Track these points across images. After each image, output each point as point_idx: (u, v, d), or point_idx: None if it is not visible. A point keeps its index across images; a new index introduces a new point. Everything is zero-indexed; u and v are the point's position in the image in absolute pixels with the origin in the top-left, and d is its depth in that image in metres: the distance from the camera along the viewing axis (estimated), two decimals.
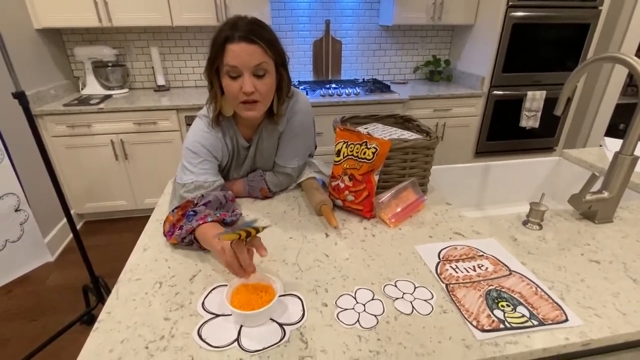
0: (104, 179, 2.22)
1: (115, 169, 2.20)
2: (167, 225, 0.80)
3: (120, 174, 2.22)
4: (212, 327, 0.59)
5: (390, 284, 0.67)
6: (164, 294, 0.66)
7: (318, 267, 0.72)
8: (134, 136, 2.13)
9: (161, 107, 2.08)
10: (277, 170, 1.00)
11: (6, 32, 1.78)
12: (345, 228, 0.86)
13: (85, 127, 2.07)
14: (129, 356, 0.55)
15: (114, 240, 2.17)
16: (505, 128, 2.51)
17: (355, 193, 0.87)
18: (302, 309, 0.62)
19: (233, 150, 0.95)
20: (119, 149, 2.15)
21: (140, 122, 2.10)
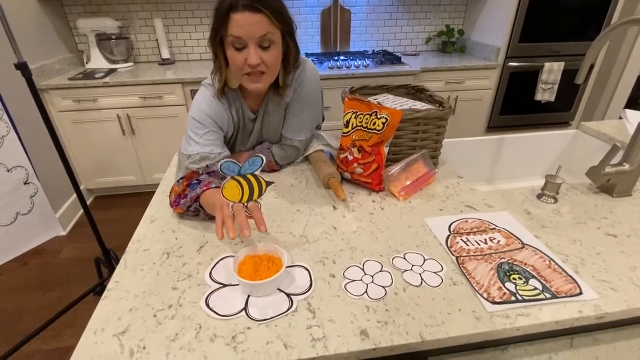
0: (112, 154, 2.23)
1: (122, 144, 2.21)
2: (173, 196, 0.80)
3: (127, 149, 2.23)
4: (220, 296, 0.60)
5: (399, 256, 0.67)
6: (171, 264, 0.67)
7: (326, 239, 0.72)
8: (140, 111, 2.12)
9: (166, 80, 2.05)
10: (284, 143, 0.99)
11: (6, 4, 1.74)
12: (353, 201, 0.85)
13: (91, 102, 2.06)
14: (137, 324, 0.55)
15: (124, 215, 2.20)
16: (519, 101, 2.44)
17: (364, 165, 0.86)
18: (309, 279, 0.62)
19: (239, 122, 0.94)
20: (125, 124, 2.14)
21: (146, 96, 2.08)
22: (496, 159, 1.19)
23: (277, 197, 0.89)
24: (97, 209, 2.28)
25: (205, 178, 0.77)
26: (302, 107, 0.94)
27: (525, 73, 2.35)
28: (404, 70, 2.17)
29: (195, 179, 0.77)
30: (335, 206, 0.84)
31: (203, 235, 0.75)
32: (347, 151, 0.88)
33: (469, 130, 2.46)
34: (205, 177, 0.78)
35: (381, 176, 0.87)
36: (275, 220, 0.79)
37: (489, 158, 1.19)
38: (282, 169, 1.01)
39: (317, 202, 0.85)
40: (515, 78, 2.37)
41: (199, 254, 0.69)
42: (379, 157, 0.85)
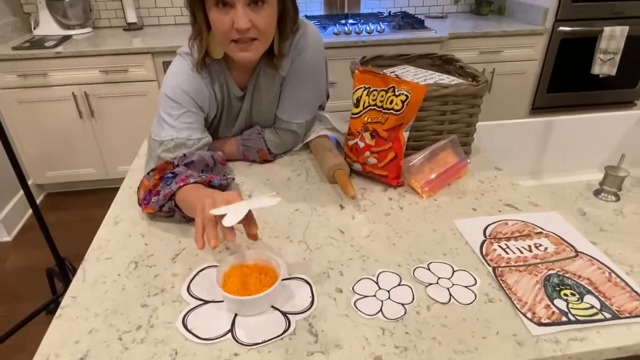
0: (66, 141, 2.24)
1: (79, 129, 2.22)
2: (142, 192, 0.80)
3: (86, 136, 2.24)
4: (200, 315, 0.59)
5: (421, 266, 0.67)
6: (140, 276, 0.67)
7: (331, 245, 0.73)
8: (101, 88, 2.12)
9: (133, 50, 2.05)
10: (279, 127, 0.99)
11: None
12: (365, 199, 0.86)
13: (41, 77, 2.06)
14: (99, 348, 0.55)
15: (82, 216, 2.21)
16: (572, 76, 2.42)
17: (379, 154, 0.86)
18: (310, 295, 0.62)
19: (223, 101, 0.94)
20: (83, 104, 2.14)
21: (108, 70, 2.08)
22: (543, 147, 1.19)
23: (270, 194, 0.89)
24: (49, 209, 2.30)
25: (182, 171, 0.77)
26: (301, 82, 0.94)
27: (580, 40, 2.33)
28: (427, 36, 2.16)
29: (169, 172, 0.77)
30: (343, 205, 0.84)
31: (179, 240, 0.75)
32: (358, 137, 0.88)
33: (508, 111, 2.45)
34: (182, 169, 0.78)
35: (400, 168, 0.87)
36: (267, 222, 0.79)
37: (534, 146, 1.19)
38: (277, 159, 1.02)
39: (320, 200, 0.86)
40: (567, 46, 2.35)
41: (174, 264, 0.70)
42: (397, 144, 0.84)
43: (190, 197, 0.71)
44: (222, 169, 0.88)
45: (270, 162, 1.01)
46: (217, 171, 0.86)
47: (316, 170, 0.97)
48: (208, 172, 0.83)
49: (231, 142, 0.99)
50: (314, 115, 1.01)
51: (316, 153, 0.99)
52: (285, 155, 1.03)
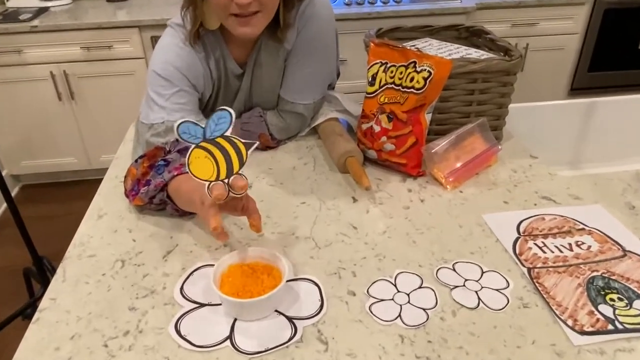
0: (44, 127, 2.26)
1: (58, 113, 2.23)
2: (130, 182, 0.80)
3: (65, 121, 2.25)
4: (195, 320, 0.59)
5: (446, 266, 0.67)
6: (127, 276, 0.67)
7: (342, 242, 0.73)
8: (82, 66, 2.13)
9: (118, 23, 2.06)
10: (283, 109, 0.99)
11: None
12: (381, 190, 0.86)
13: (15, 54, 2.07)
14: (81, 356, 0.55)
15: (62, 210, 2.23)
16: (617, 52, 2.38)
17: (397, 140, 0.86)
18: (319, 298, 0.62)
19: (220, 79, 0.94)
20: (62, 85, 2.15)
21: (90, 46, 2.09)
22: (584, 132, 1.18)
23: (273, 185, 0.89)
24: (25, 203, 2.32)
25: (175, 158, 0.77)
26: (308, 57, 0.93)
27: (627, 11, 2.29)
28: (452, 7, 2.14)
29: (160, 159, 0.77)
30: (356, 197, 0.84)
31: (171, 236, 0.75)
32: (373, 120, 0.88)
33: (544, 92, 2.43)
34: (175, 156, 0.78)
35: (421, 155, 0.86)
36: (271, 216, 0.79)
37: (574, 131, 1.18)
38: (281, 145, 1.02)
39: (330, 192, 0.86)
40: (612, 18, 2.31)
41: (165, 262, 0.70)
42: (418, 128, 0.84)
43: (185, 188, 0.70)
44: None
45: (273, 148, 1.01)
46: (183, 149, 0.85)
47: (325, 158, 0.97)
48: None
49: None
50: (322, 95, 1.01)
51: (325, 138, 0.99)
52: (290, 141, 1.03)
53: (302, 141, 1.04)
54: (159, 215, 0.80)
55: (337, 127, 0.98)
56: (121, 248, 0.73)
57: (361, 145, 0.92)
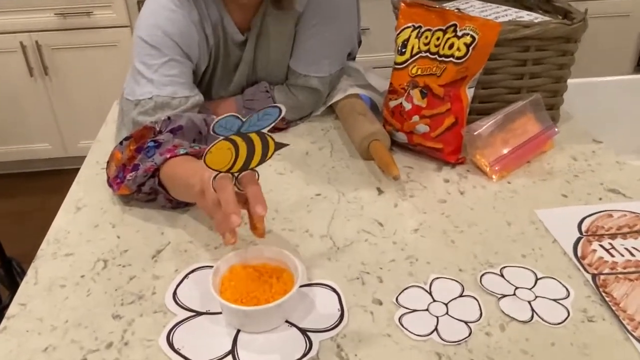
0: (12, 107, 2.27)
1: (29, 91, 2.24)
2: (114, 168, 0.80)
3: (38, 100, 2.26)
4: (191, 331, 0.59)
5: (492, 272, 0.67)
6: (111, 279, 0.67)
7: (366, 242, 0.73)
8: (57, 36, 2.13)
9: None
10: (293, 83, 0.99)
11: None
12: (411, 180, 0.85)
13: None
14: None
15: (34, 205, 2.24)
16: None
17: (432, 120, 0.85)
18: (339, 307, 0.62)
19: (217, 48, 0.94)
20: (33, 58, 2.16)
21: (66, 13, 2.09)
22: None
23: (282, 173, 0.88)
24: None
25: (167, 139, 0.77)
26: (324, 20, 0.93)
27: None
28: None
29: (150, 140, 0.77)
30: (382, 188, 0.84)
31: (162, 232, 0.75)
32: (403, 96, 0.87)
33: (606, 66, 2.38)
34: (167, 136, 0.78)
35: (461, 138, 0.86)
36: (279, 210, 0.79)
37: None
38: (291, 127, 1.02)
39: (351, 182, 0.85)
40: None
41: (155, 263, 0.70)
42: (457, 106, 0.83)
43: (181, 173, 0.70)
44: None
45: (283, 130, 1.00)
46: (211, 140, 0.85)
47: (344, 141, 0.97)
48: (202, 142, 0.82)
49: (229, 103, 0.99)
50: (341, 66, 1.01)
51: (345, 119, 0.98)
52: (302, 122, 1.03)
53: (317, 122, 1.03)
54: (149, 207, 0.80)
55: (359, 105, 0.97)
56: (103, 246, 0.73)
57: (388, 127, 0.92)
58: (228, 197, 0.58)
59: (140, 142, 0.79)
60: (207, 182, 0.61)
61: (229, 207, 0.57)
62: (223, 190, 0.59)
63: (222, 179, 0.60)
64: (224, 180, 0.60)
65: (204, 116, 0.86)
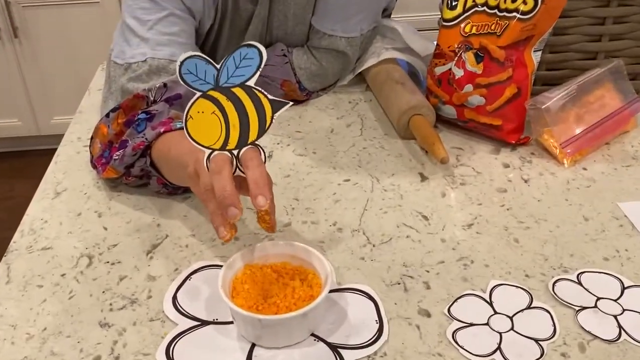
0: None
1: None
2: (98, 145, 0.80)
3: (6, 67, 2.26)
4: (195, 344, 0.59)
5: (567, 278, 0.66)
6: (97, 279, 0.67)
7: (408, 238, 0.72)
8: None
9: None
10: (316, 45, 0.99)
11: None
12: (462, 164, 0.86)
13: None
14: None
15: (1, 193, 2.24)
16: None
17: (489, 90, 0.85)
18: (377, 318, 0.61)
19: (226, 1, 0.95)
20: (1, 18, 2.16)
21: None
22: None
23: (303, 154, 0.89)
24: None
25: (162, 109, 0.78)
26: None
27: None
28: None
29: (141, 112, 0.78)
30: (425, 174, 0.84)
31: (158, 224, 0.75)
32: (452, 60, 0.87)
33: None
34: (162, 107, 0.78)
35: (524, 113, 0.86)
36: (300, 198, 0.79)
37: None
38: (313, 98, 1.03)
39: (387, 166, 0.86)
40: None
41: (150, 260, 0.70)
42: (521, 73, 0.83)
43: (176, 151, 0.70)
44: None
45: (302, 103, 1.01)
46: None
47: (378, 116, 0.97)
48: None
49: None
50: (374, 25, 1.01)
51: (378, 89, 0.98)
52: (326, 93, 1.04)
53: (344, 93, 1.03)
54: (141, 192, 0.80)
55: (396, 72, 0.97)
56: (88, 239, 0.73)
57: (433, 99, 0.92)
58: (224, 184, 0.57)
59: (130, 114, 0.79)
60: (200, 162, 0.61)
61: (224, 196, 0.57)
62: (218, 173, 0.58)
63: (218, 159, 0.59)
64: (221, 160, 0.59)
65: None
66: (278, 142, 0.91)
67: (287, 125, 0.95)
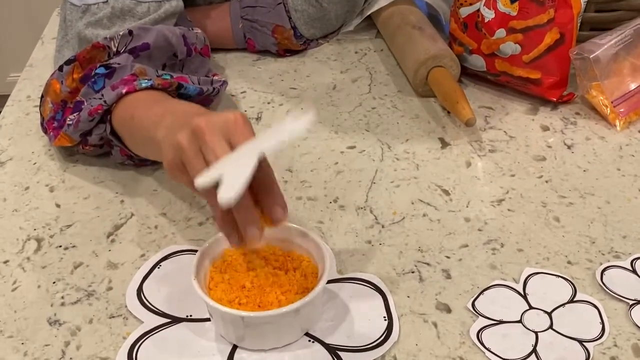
0: None
1: None
2: (50, 105, 0.81)
3: None
4: (164, 345, 0.59)
5: (618, 265, 0.66)
6: (47, 266, 0.67)
7: (424, 217, 0.73)
8: None
9: None
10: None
11: None
12: (492, 127, 0.87)
13: None
14: None
15: None
16: None
17: (526, 35, 0.86)
18: (385, 316, 0.61)
19: None
20: None
21: None
22: None
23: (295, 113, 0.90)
24: None
25: (124, 63, 0.78)
26: None
27: None
28: None
29: (100, 65, 0.77)
30: (447, 139, 0.85)
31: (122, 200, 0.76)
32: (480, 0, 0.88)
33: None
34: (124, 59, 0.78)
35: (568, 64, 0.87)
36: (295, 170, 0.81)
37: None
38: (312, 47, 1.05)
39: (401, 130, 0.87)
40: None
41: (111, 244, 0.70)
42: (565, 15, 0.83)
43: (140, 120, 0.70)
44: (203, 63, 0.89)
45: (299, 53, 1.03)
46: (194, 67, 0.88)
47: (390, 70, 0.98)
48: (176, 69, 0.84)
49: (221, 11, 1.01)
50: None
51: (391, 36, 0.99)
52: (327, 41, 1.05)
53: (349, 42, 1.04)
54: (102, 162, 0.81)
55: (413, 15, 0.98)
56: (37, 218, 0.73)
57: (457, 47, 0.93)
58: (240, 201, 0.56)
59: (88, 67, 0.79)
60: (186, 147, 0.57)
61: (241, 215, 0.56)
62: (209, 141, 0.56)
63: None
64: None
65: (183, 30, 0.85)
66: (269, 101, 0.91)
67: (280, 81, 0.95)
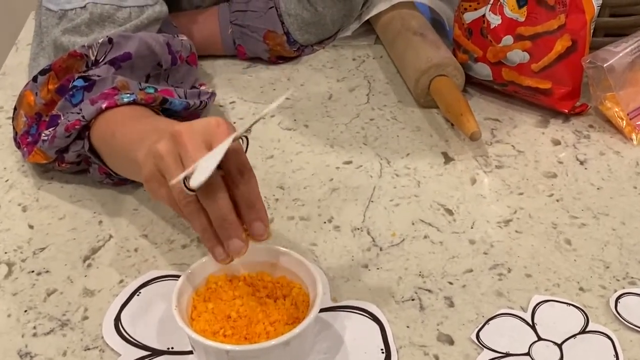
0: None
1: None
2: (23, 119, 0.81)
3: None
4: None
5: (635, 292, 0.66)
6: (18, 293, 0.67)
7: (426, 240, 0.73)
8: None
9: None
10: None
11: None
12: (499, 141, 0.87)
13: None
14: None
15: None
16: None
17: (535, 43, 0.86)
18: (382, 348, 0.61)
19: None
20: None
21: None
22: None
23: (292, 128, 0.90)
24: None
25: (104, 75, 0.78)
26: None
27: None
28: None
29: (78, 76, 0.78)
30: (450, 154, 0.85)
31: (100, 220, 0.76)
32: (487, 3, 0.89)
33: None
34: (104, 71, 0.78)
35: (581, 74, 0.87)
36: (287, 186, 0.80)
37: None
38: (306, 54, 1.06)
39: (401, 144, 0.87)
40: None
41: (88, 269, 0.70)
42: (577, 20, 0.84)
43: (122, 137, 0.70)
44: (191, 73, 0.89)
45: (292, 60, 1.03)
46: (180, 77, 0.88)
47: (390, 78, 0.98)
48: (161, 79, 0.85)
49: (209, 16, 1.02)
50: None
51: (391, 42, 1.00)
52: (323, 48, 1.06)
53: (346, 48, 1.04)
54: (79, 180, 0.81)
55: (415, 20, 0.99)
56: (7, 240, 0.73)
57: (461, 55, 0.93)
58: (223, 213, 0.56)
59: (65, 78, 0.79)
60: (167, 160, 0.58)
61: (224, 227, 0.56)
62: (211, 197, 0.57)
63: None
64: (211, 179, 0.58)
65: (167, 37, 0.85)
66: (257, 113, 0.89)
67: (272, 90, 0.96)
